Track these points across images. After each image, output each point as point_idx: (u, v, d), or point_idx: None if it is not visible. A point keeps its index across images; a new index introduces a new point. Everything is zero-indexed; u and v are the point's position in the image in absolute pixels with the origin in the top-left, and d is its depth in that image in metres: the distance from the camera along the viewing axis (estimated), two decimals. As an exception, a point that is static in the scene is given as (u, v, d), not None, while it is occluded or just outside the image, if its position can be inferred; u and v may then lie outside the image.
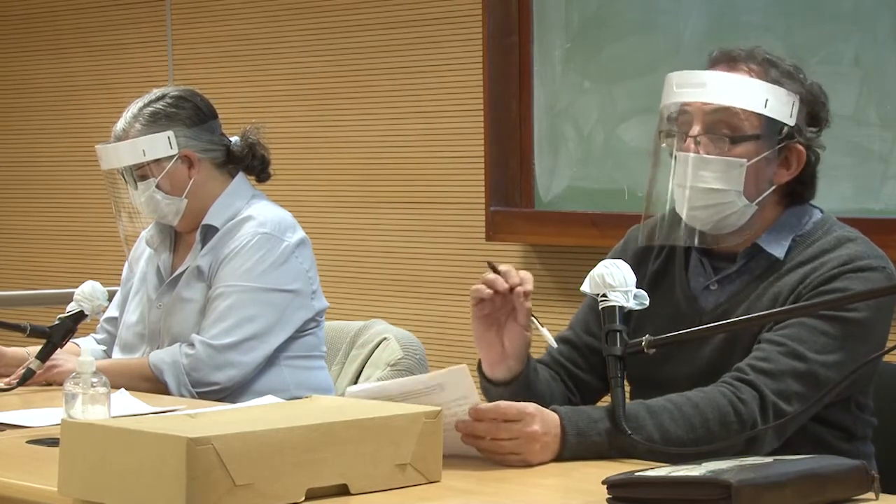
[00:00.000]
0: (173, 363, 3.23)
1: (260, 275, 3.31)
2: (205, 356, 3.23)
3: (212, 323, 3.28)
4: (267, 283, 3.31)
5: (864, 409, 2.57)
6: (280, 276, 3.33)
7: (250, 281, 3.30)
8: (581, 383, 2.66)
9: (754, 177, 2.51)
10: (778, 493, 1.96)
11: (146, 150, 3.36)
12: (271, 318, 3.30)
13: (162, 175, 3.36)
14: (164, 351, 3.28)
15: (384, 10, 5.08)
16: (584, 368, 2.65)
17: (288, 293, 3.33)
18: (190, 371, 3.23)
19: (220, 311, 3.28)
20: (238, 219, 3.39)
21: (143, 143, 3.36)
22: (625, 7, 4.46)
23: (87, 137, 6.02)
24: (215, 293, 3.31)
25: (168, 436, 1.99)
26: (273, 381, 3.31)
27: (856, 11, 3.99)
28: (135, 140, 3.36)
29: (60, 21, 6.11)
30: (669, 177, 2.55)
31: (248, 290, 3.30)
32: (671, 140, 2.55)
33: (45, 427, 2.66)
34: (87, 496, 2.09)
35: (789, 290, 2.49)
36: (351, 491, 2.09)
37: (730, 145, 2.50)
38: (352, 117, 5.20)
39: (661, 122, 2.58)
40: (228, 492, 1.98)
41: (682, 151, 2.52)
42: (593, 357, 2.63)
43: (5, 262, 6.38)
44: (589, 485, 2.12)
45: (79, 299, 3.23)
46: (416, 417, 2.17)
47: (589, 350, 2.65)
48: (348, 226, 5.21)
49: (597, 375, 2.64)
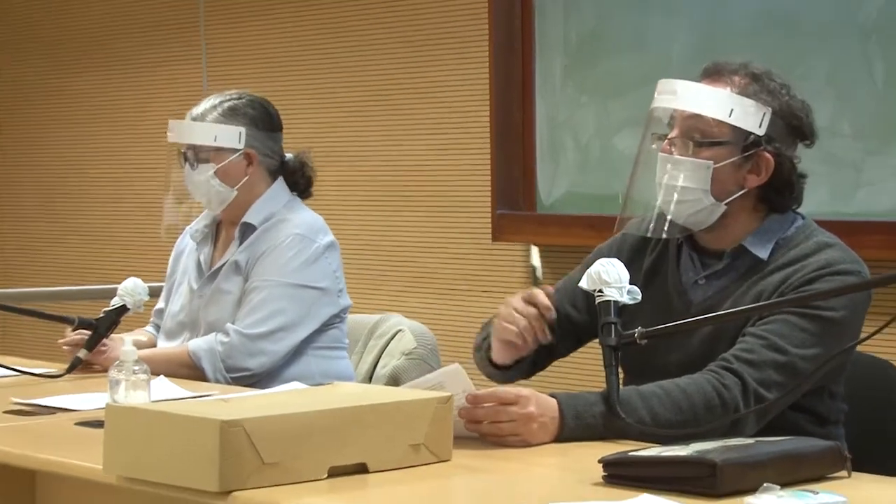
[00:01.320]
0: (210, 350, 3.23)
1: (292, 272, 3.31)
2: (238, 344, 3.24)
3: (246, 314, 3.28)
4: (298, 280, 3.31)
5: (835, 397, 2.57)
6: (310, 274, 3.33)
7: (283, 277, 3.30)
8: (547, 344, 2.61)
9: (721, 178, 2.53)
10: (759, 471, 1.96)
11: (217, 137, 3.35)
12: (300, 312, 3.30)
13: (222, 164, 3.36)
14: (201, 339, 3.28)
15: (398, 30, 5.08)
16: (555, 332, 2.59)
17: (316, 290, 3.33)
18: (225, 358, 3.23)
19: (254, 304, 3.28)
20: (275, 220, 3.38)
21: (216, 130, 3.35)
22: (619, 27, 4.46)
23: (129, 147, 6.04)
24: (251, 286, 3.30)
25: (203, 418, 2.00)
26: (300, 369, 3.31)
27: (829, 31, 3.99)
28: (210, 124, 3.36)
29: (105, 41, 6.12)
30: (647, 172, 2.58)
31: (281, 285, 3.30)
32: (654, 139, 2.58)
33: (92, 410, 2.66)
34: (129, 473, 2.09)
35: (772, 289, 2.49)
36: (369, 469, 2.10)
37: (699, 148, 2.53)
38: (370, 129, 5.20)
39: (647, 122, 2.61)
40: (257, 470, 1.99)
41: (661, 152, 2.56)
42: (566, 324, 2.65)
43: (56, 262, 6.39)
44: (586, 464, 2.12)
45: (122, 294, 3.24)
46: (428, 402, 2.17)
47: (566, 319, 2.65)
48: (367, 228, 5.20)
49: (564, 343, 2.66)
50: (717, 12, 4.21)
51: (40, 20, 6.37)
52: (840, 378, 2.57)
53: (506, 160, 4.69)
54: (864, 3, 3.92)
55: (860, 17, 3.93)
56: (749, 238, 2.56)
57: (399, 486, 2.05)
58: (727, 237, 2.57)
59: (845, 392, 2.59)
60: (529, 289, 2.54)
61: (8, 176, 6.55)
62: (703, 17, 4.24)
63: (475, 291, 4.91)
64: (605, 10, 4.49)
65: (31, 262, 6.48)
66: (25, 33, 6.43)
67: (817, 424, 2.53)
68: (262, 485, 1.98)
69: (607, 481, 2.04)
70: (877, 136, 3.92)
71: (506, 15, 4.67)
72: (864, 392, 2.69)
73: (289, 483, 2.00)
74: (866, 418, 2.66)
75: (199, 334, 3.36)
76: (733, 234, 2.57)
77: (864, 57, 3.92)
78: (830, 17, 3.98)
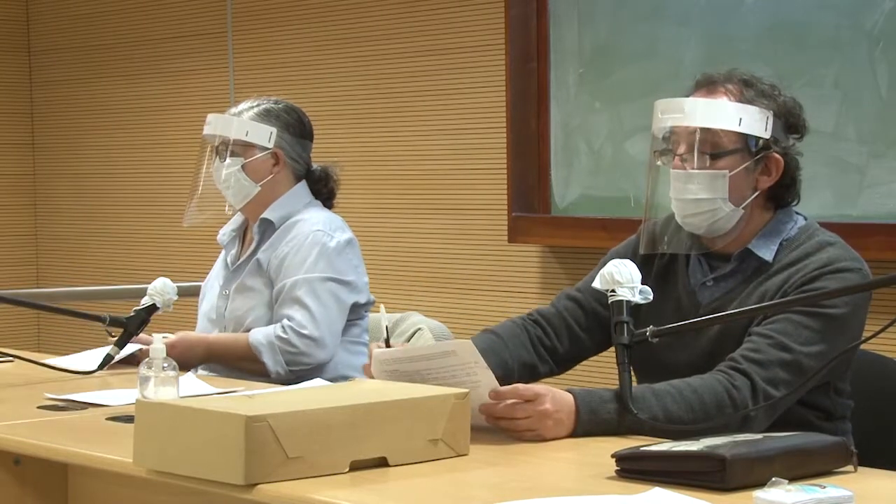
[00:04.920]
0: (269, 345, 3.24)
1: (322, 267, 3.30)
2: (296, 341, 3.23)
3: (294, 311, 3.26)
4: (328, 273, 3.30)
5: (841, 394, 2.56)
6: (337, 268, 3.32)
7: (314, 272, 3.29)
8: (576, 339, 2.67)
9: (737, 185, 2.52)
10: (767, 465, 1.94)
11: (249, 132, 3.37)
12: (339, 305, 3.30)
13: (251, 159, 3.37)
14: (260, 333, 3.26)
15: (419, 40, 5.07)
16: (583, 327, 2.68)
17: (345, 283, 3.33)
18: (284, 353, 3.23)
19: (299, 301, 3.26)
20: (293, 220, 3.38)
21: (249, 126, 3.37)
22: (631, 37, 4.45)
23: (159, 152, 6.05)
24: (288, 284, 3.29)
25: (229, 414, 1.99)
26: (335, 360, 3.32)
27: (836, 40, 3.97)
28: (244, 121, 3.37)
29: (135, 50, 6.13)
30: (663, 189, 2.58)
31: (317, 281, 3.28)
32: (664, 158, 2.57)
33: (122, 406, 2.66)
34: (158, 467, 2.09)
35: (776, 289, 2.49)
36: (389, 463, 2.09)
37: (712, 160, 2.52)
38: (391, 135, 5.20)
39: (653, 142, 2.59)
40: (282, 463, 1.98)
41: (673, 168, 2.54)
42: (594, 321, 2.66)
43: (88, 262, 6.40)
44: (600, 458, 2.11)
45: (151, 294, 3.24)
46: (446, 398, 2.16)
47: (594, 314, 2.66)
48: (388, 230, 5.20)
49: (591, 337, 2.67)
50: (726, 22, 4.20)
51: (72, 28, 6.39)
52: (845, 375, 2.56)
53: (522, 164, 4.69)
54: (871, 10, 3.90)
55: (867, 25, 3.91)
56: (754, 241, 2.56)
57: (418, 480, 2.05)
58: (737, 239, 2.57)
59: (852, 389, 2.58)
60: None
61: (43, 180, 6.57)
62: (713, 26, 4.23)
63: (492, 291, 4.90)
64: (618, 21, 4.48)
65: (66, 262, 6.50)
66: (58, 40, 6.45)
67: (824, 420, 2.52)
68: (286, 478, 1.98)
69: (620, 475, 2.03)
70: (881, 140, 3.91)
71: (522, 26, 4.66)
72: (871, 389, 2.67)
73: (311, 476, 2.00)
74: (873, 415, 2.64)
75: (227, 330, 3.36)
76: (743, 236, 2.57)
77: (870, 63, 3.90)
78: (838, 24, 3.97)
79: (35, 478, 2.44)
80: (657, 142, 2.58)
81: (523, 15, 4.65)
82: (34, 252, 6.59)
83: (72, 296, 5.21)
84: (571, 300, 2.70)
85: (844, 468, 2.06)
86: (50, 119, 6.52)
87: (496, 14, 4.77)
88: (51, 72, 6.49)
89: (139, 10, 6.10)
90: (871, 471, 2.09)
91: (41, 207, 6.58)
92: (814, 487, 1.80)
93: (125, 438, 2.18)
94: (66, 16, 6.41)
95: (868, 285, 2.46)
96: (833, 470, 2.04)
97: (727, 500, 1.90)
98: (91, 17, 6.31)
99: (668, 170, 2.55)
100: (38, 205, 6.59)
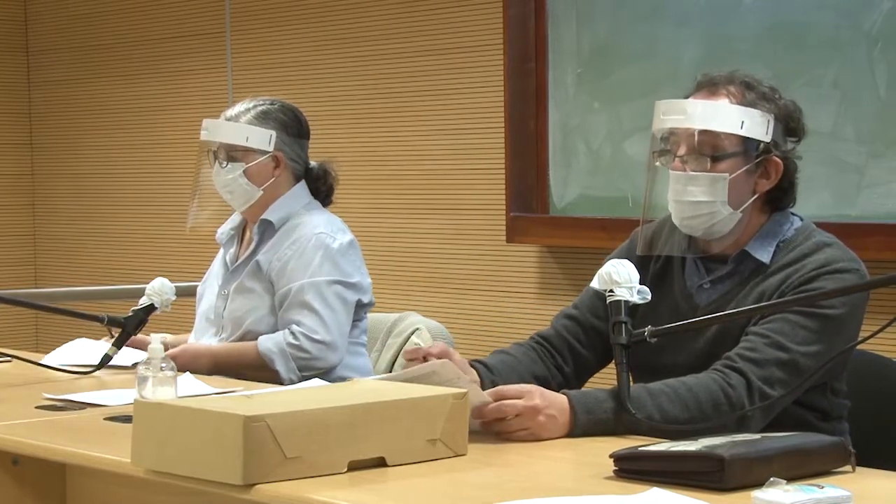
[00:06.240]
0: (281, 352, 3.23)
1: (327, 269, 3.30)
2: (308, 346, 3.23)
3: (303, 316, 3.25)
4: (334, 276, 3.30)
5: (838, 394, 2.56)
6: (342, 270, 3.32)
7: (320, 276, 3.29)
8: (578, 357, 2.66)
9: (737, 188, 2.52)
10: (766, 465, 1.94)
11: (249, 137, 3.36)
12: (346, 307, 3.30)
13: (251, 164, 3.36)
14: (269, 340, 3.26)
15: (417, 40, 5.07)
16: (584, 345, 2.66)
17: (350, 285, 3.33)
18: (296, 359, 3.23)
19: (308, 305, 3.26)
20: (293, 222, 3.38)
21: (248, 131, 3.36)
22: (630, 37, 4.45)
23: (158, 152, 6.05)
24: (294, 288, 3.28)
25: (227, 414, 1.99)
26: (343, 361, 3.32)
27: (835, 40, 3.97)
28: (243, 125, 3.36)
29: (134, 51, 6.13)
30: (661, 190, 2.57)
31: (324, 284, 3.28)
32: (663, 159, 2.56)
33: (120, 406, 2.66)
34: (156, 467, 2.09)
35: (773, 290, 2.49)
36: (388, 463, 2.09)
37: (713, 162, 2.51)
38: (391, 135, 5.19)
39: (653, 143, 2.58)
40: (280, 463, 1.98)
41: (673, 170, 2.54)
42: (595, 337, 2.64)
43: (86, 262, 6.40)
44: (597, 458, 2.11)
45: (149, 294, 3.24)
46: (445, 398, 2.16)
47: (593, 330, 2.65)
48: (386, 229, 5.20)
49: (594, 353, 2.65)
50: (725, 22, 4.20)
51: (70, 28, 6.38)
52: (841, 375, 2.56)
53: (520, 164, 4.69)
54: (869, 10, 3.90)
55: (866, 25, 3.91)
56: (751, 242, 2.55)
57: (417, 480, 2.05)
58: (734, 242, 2.56)
59: (850, 389, 2.58)
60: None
61: (42, 180, 6.57)
62: (713, 27, 4.23)
63: (490, 291, 4.90)
64: (616, 21, 4.48)
65: (64, 262, 6.49)
66: (56, 40, 6.44)
67: (821, 420, 2.52)
68: (284, 478, 1.98)
69: (618, 475, 2.03)
70: (880, 140, 3.91)
71: (521, 26, 4.66)
72: (869, 389, 2.67)
73: (310, 476, 2.00)
74: (871, 415, 2.64)
75: (226, 331, 3.36)
76: (739, 238, 2.56)
77: (869, 63, 3.90)
78: (837, 24, 3.97)
79: (33, 478, 2.44)
80: (657, 142, 2.57)
81: (522, 15, 4.65)
82: (32, 252, 6.58)
83: (70, 296, 5.21)
84: (570, 319, 2.68)
85: (843, 468, 2.06)
86: (48, 119, 6.52)
87: (494, 14, 4.77)
88: (49, 72, 6.49)
89: (138, 10, 6.10)
90: (869, 471, 2.09)
91: (39, 207, 6.58)
92: (812, 487, 1.80)
93: (123, 438, 2.17)
94: (65, 16, 6.41)
95: (865, 285, 2.46)
96: (831, 470, 2.04)
97: (726, 500, 1.90)
98: (89, 17, 6.30)
99: (666, 171, 2.55)
100: (36, 205, 6.58)
